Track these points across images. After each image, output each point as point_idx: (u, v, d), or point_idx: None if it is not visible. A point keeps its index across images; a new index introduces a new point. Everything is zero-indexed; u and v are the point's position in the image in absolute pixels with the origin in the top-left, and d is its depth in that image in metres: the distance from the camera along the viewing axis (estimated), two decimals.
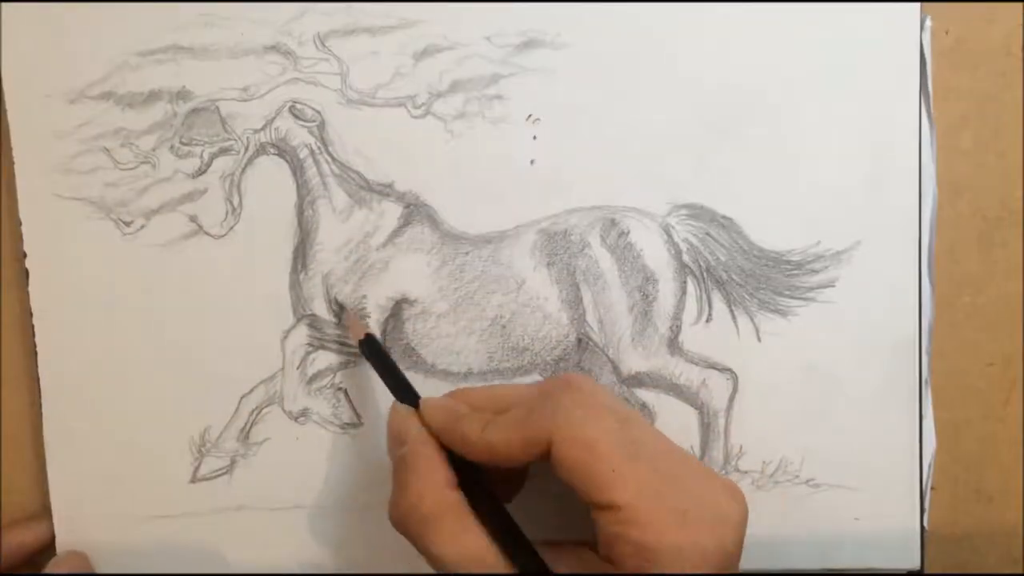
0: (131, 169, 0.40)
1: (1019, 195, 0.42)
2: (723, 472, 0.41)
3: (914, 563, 0.42)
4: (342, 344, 0.41)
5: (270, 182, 0.40)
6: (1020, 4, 0.41)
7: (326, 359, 0.41)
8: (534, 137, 0.40)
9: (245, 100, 0.40)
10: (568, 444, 0.32)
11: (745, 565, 0.41)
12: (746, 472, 0.41)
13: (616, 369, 0.41)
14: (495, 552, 0.32)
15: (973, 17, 0.41)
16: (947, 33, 0.41)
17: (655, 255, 0.41)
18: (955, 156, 0.42)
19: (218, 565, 0.41)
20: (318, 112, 0.40)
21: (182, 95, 0.40)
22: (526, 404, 0.34)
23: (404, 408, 0.36)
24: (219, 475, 0.41)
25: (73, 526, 0.41)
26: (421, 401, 0.36)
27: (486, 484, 0.34)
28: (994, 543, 0.43)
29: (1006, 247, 0.42)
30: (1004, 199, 0.42)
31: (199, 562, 0.41)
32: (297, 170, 0.40)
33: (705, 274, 0.41)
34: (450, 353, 0.41)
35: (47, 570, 0.40)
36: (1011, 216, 0.42)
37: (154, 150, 0.40)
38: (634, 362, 0.41)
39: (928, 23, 0.40)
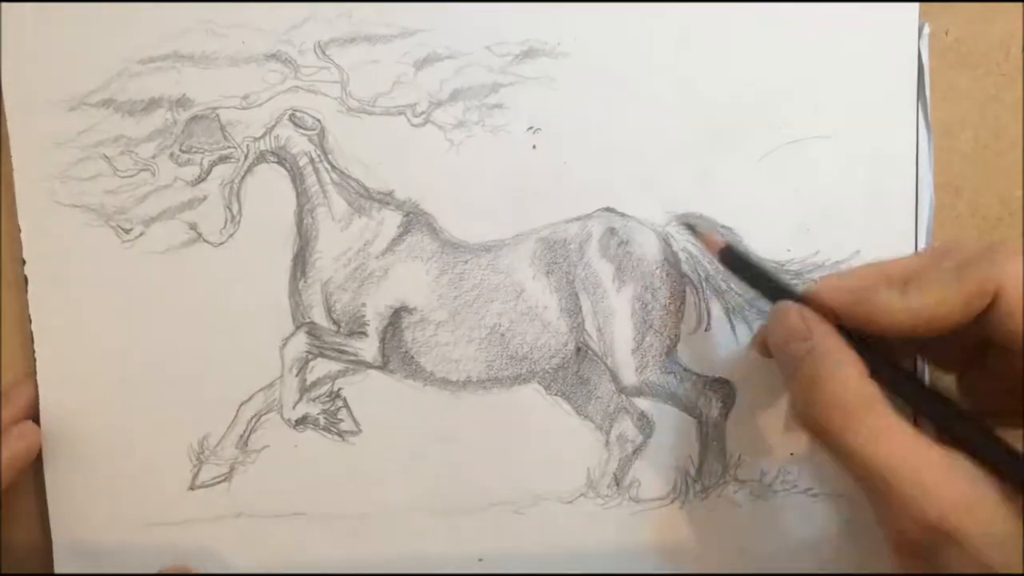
0: (131, 176, 0.40)
1: (1019, 195, 0.42)
2: (721, 481, 0.41)
3: None
4: (341, 352, 0.41)
5: (270, 190, 0.40)
6: (1020, 4, 0.41)
7: (325, 367, 0.41)
8: (533, 146, 0.40)
9: (245, 108, 0.39)
10: None
11: (743, 574, 0.42)
12: (744, 481, 0.41)
13: (615, 378, 0.41)
14: (935, 451, 0.30)
15: (973, 17, 0.41)
16: (947, 33, 0.41)
17: (654, 264, 0.41)
18: (954, 157, 0.42)
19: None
20: (318, 120, 0.40)
21: (182, 103, 0.39)
22: (955, 259, 0.30)
23: (794, 304, 0.34)
24: (218, 482, 0.41)
25: (71, 533, 0.41)
26: (815, 286, 0.34)
27: (903, 371, 0.32)
28: None
29: None
30: (1004, 199, 0.42)
31: (198, 569, 0.41)
32: (297, 178, 0.40)
33: (704, 283, 0.41)
34: (449, 361, 0.41)
35: None
36: (1011, 216, 0.42)
37: (154, 157, 0.40)
38: (633, 371, 0.41)
39: (926, 30, 0.40)
